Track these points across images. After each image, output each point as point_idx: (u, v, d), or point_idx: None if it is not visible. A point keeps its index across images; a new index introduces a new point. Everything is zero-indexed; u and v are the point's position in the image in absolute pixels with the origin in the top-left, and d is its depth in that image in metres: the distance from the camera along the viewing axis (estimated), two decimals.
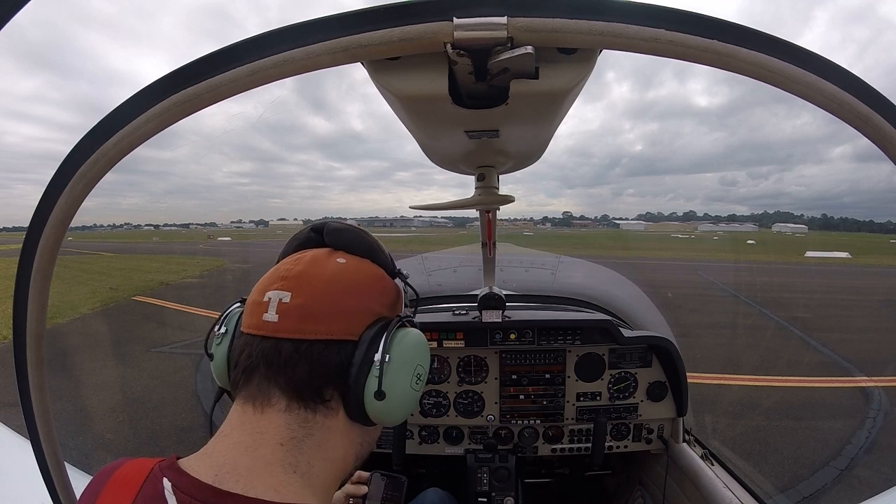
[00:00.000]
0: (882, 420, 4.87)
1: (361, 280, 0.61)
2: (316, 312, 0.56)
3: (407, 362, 0.60)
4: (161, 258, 27.85)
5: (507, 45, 0.46)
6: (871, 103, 0.45)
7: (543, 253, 3.15)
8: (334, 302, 0.57)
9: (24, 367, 0.74)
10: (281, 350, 0.54)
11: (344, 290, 0.59)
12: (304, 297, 0.56)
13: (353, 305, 0.59)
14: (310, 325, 0.55)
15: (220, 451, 0.53)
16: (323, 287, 0.57)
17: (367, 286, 0.61)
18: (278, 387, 0.54)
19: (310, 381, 0.55)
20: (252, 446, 0.52)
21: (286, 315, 0.55)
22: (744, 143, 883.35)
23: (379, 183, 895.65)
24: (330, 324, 0.56)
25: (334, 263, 0.61)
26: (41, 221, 0.63)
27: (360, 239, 0.65)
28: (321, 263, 0.60)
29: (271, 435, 0.53)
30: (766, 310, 11.25)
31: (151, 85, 0.53)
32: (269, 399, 0.54)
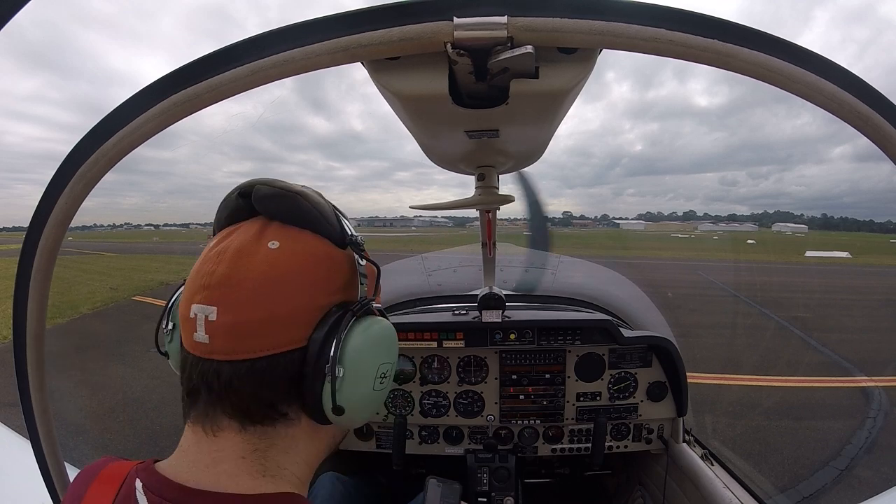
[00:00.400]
0: (882, 420, 4.87)
1: (299, 270, 0.50)
2: (249, 329, 0.47)
3: (365, 367, 0.52)
4: (161, 258, 27.87)
5: (507, 45, 0.46)
6: (871, 103, 0.45)
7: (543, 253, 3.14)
8: (269, 310, 0.48)
9: (24, 367, 0.74)
10: (220, 373, 0.48)
11: (279, 291, 0.49)
12: (233, 313, 0.47)
13: (292, 308, 0.49)
14: (245, 343, 0.48)
15: (183, 466, 0.50)
16: (252, 294, 0.48)
17: (307, 277, 0.51)
18: (225, 413, 0.49)
19: (259, 402, 0.49)
20: (212, 464, 0.49)
21: (216, 336, 0.48)
22: (744, 143, 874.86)
23: (379, 183, 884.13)
24: (268, 337, 0.48)
25: (264, 254, 0.50)
26: (41, 221, 0.63)
27: (294, 205, 0.53)
28: (248, 257, 0.49)
29: (230, 452, 0.49)
30: (766, 309, 11.25)
31: (151, 85, 0.53)
32: (218, 424, 0.49)
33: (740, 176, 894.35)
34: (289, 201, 0.53)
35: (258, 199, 0.53)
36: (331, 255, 0.53)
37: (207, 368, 0.49)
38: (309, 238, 0.53)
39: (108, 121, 0.55)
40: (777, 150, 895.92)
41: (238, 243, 0.51)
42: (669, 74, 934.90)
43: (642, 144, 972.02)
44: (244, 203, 0.55)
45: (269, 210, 0.54)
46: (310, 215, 0.53)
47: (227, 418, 0.49)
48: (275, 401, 0.50)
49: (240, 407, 0.49)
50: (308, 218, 0.53)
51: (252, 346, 0.48)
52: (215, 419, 0.49)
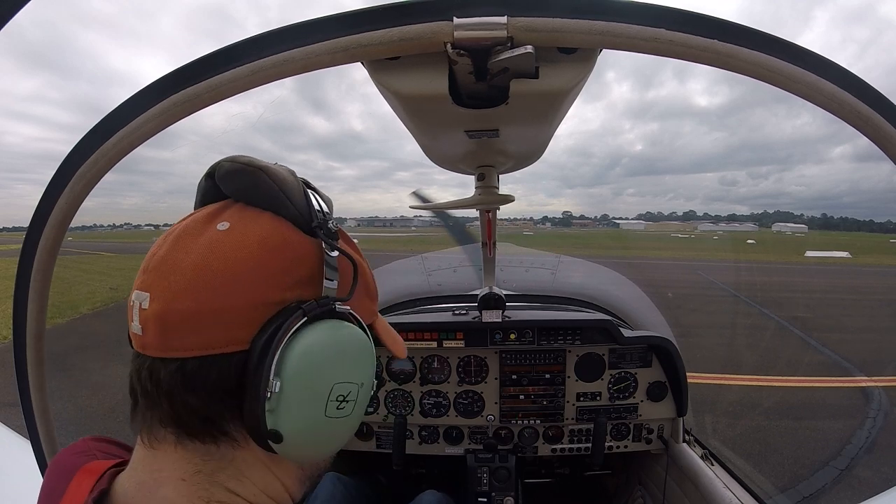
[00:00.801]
0: (882, 420, 4.87)
1: (244, 258, 0.42)
2: (177, 321, 0.40)
3: (312, 384, 0.42)
4: None
5: (507, 45, 0.46)
6: (871, 103, 0.45)
7: (543, 253, 3.14)
8: (202, 301, 0.40)
9: (24, 367, 0.74)
10: (153, 372, 0.41)
11: (217, 279, 0.41)
12: (163, 300, 0.41)
13: (231, 301, 0.41)
14: (174, 339, 0.40)
15: (130, 489, 0.44)
16: (185, 281, 0.41)
17: (255, 265, 0.42)
18: (159, 420, 0.42)
19: (194, 413, 0.41)
20: (154, 487, 0.42)
21: (147, 327, 0.41)
22: (744, 143, 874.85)
23: (379, 183, 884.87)
24: (199, 334, 0.40)
25: (209, 236, 0.43)
26: (41, 221, 0.63)
27: (255, 183, 0.45)
28: (191, 238, 0.43)
29: (170, 472, 0.42)
30: (766, 309, 11.25)
31: (151, 85, 0.53)
32: (154, 433, 0.43)
33: (740, 176, 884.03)
34: (248, 177, 0.45)
35: (220, 177, 0.46)
36: (290, 242, 0.44)
37: (141, 365, 0.42)
38: (267, 220, 0.45)
39: (108, 121, 0.55)
40: (777, 150, 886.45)
41: (185, 224, 0.45)
42: (669, 74, 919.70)
43: (642, 144, 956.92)
44: (211, 184, 0.48)
45: (230, 189, 0.47)
46: (271, 193, 0.45)
47: (163, 428, 0.42)
48: (210, 414, 0.42)
49: (172, 416, 0.41)
50: (269, 197, 0.45)
51: (181, 343, 0.40)
52: (152, 428, 0.43)
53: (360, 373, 0.46)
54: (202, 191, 0.49)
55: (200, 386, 0.41)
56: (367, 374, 0.48)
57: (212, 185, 0.48)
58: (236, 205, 0.46)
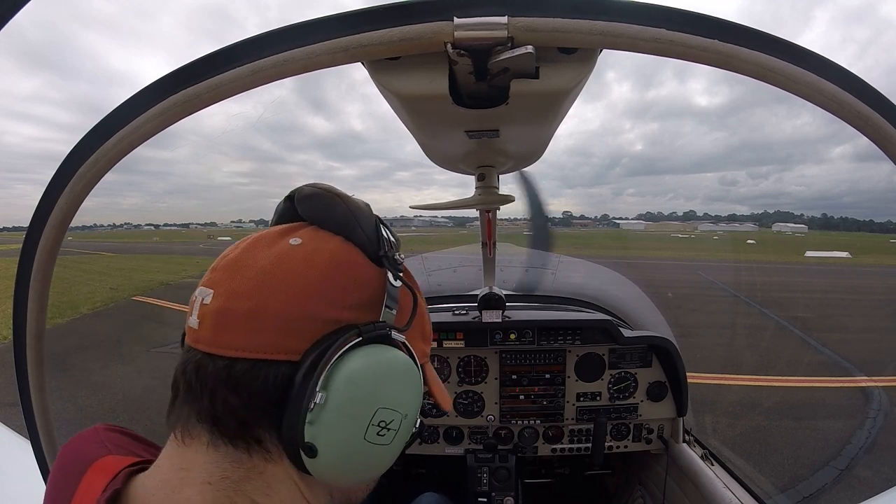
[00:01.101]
0: (882, 420, 4.87)
1: (311, 271, 0.43)
2: (234, 319, 0.42)
3: (357, 404, 0.42)
4: (161, 258, 27.86)
5: (507, 45, 0.46)
6: (871, 103, 0.45)
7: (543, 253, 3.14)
8: (262, 304, 0.42)
9: (24, 367, 0.74)
10: (200, 367, 0.42)
11: (281, 286, 0.42)
12: (225, 297, 0.42)
13: (290, 310, 0.42)
14: (227, 336, 0.42)
15: (150, 488, 0.43)
16: (251, 282, 0.42)
17: (319, 280, 0.43)
18: (197, 416, 0.42)
19: (233, 414, 0.41)
20: (177, 486, 0.41)
21: (204, 321, 0.43)
22: (744, 143, 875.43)
23: (379, 183, 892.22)
24: (253, 335, 0.41)
25: (281, 247, 0.45)
26: (41, 221, 0.63)
27: (330, 207, 0.48)
28: (264, 247, 0.45)
29: (197, 472, 0.42)
30: (766, 310, 11.25)
31: (151, 85, 0.53)
32: (189, 429, 0.43)
33: (740, 176, 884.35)
34: (324, 201, 0.48)
35: (299, 199, 0.50)
36: (355, 265, 0.46)
37: (190, 358, 0.43)
38: (337, 242, 0.46)
39: (108, 121, 0.55)
40: (777, 149, 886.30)
41: (261, 233, 0.48)
42: (669, 74, 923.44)
43: (642, 144, 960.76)
44: (289, 206, 0.52)
45: (306, 211, 0.49)
46: (344, 219, 0.47)
47: (199, 424, 0.42)
48: (248, 419, 0.41)
49: (211, 413, 0.41)
50: (342, 222, 0.47)
51: (234, 342, 0.41)
52: (187, 422, 0.43)
53: (406, 403, 0.46)
54: (279, 212, 0.53)
55: (244, 388, 0.41)
56: (413, 407, 0.47)
57: (290, 207, 0.51)
58: (311, 226, 0.49)
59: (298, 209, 0.50)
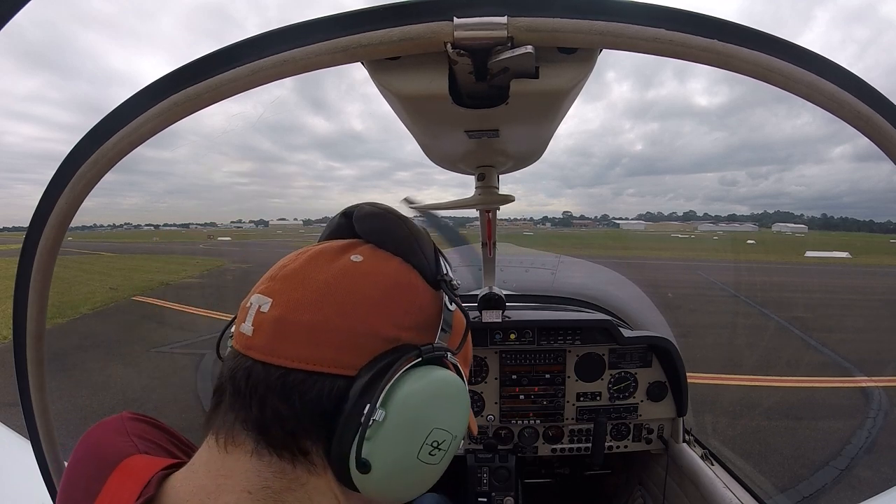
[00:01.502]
0: (882, 420, 4.87)
1: (373, 289, 0.44)
2: (294, 330, 0.42)
3: (415, 423, 0.42)
4: (161, 258, 27.86)
5: (507, 45, 0.46)
6: (871, 103, 0.45)
7: (543, 253, 3.14)
8: (323, 318, 0.42)
9: (24, 367, 0.74)
10: (251, 374, 0.42)
11: (343, 301, 0.43)
12: (285, 307, 0.43)
13: (351, 325, 0.42)
14: (285, 346, 0.42)
15: (183, 494, 0.42)
16: (314, 295, 0.43)
17: (381, 298, 0.44)
18: (243, 423, 0.42)
19: (281, 424, 0.41)
20: (214, 493, 0.40)
21: (260, 328, 0.43)
22: (744, 143, 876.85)
23: (379, 183, 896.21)
24: (312, 347, 0.41)
25: (343, 262, 0.46)
26: (41, 221, 0.63)
27: (391, 228, 0.49)
28: (325, 261, 0.46)
29: (237, 480, 0.41)
30: (766, 310, 11.25)
31: (151, 85, 0.53)
32: (233, 436, 0.42)
33: (740, 176, 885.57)
34: (386, 222, 0.49)
35: (358, 217, 0.51)
36: (415, 287, 0.47)
37: (240, 364, 0.43)
38: (397, 264, 0.47)
39: (107, 121, 0.55)
40: (777, 149, 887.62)
41: (321, 247, 0.49)
42: (669, 74, 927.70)
43: (642, 144, 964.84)
44: (346, 222, 0.53)
45: (364, 229, 0.50)
46: (405, 241, 0.48)
47: (244, 431, 0.42)
48: (297, 430, 0.41)
49: (259, 421, 0.41)
50: (402, 244, 0.48)
51: (291, 353, 0.41)
52: (232, 429, 0.42)
53: (457, 424, 0.46)
54: (334, 227, 0.54)
55: (297, 399, 0.41)
56: (462, 428, 0.48)
57: (345, 223, 0.52)
58: (369, 244, 0.49)
59: (357, 227, 0.51)
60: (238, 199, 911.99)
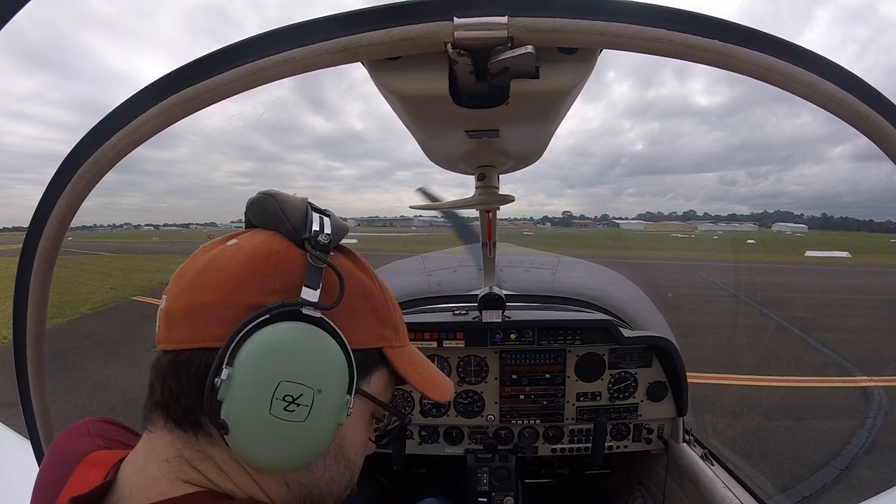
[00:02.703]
0: (882, 420, 4.87)
1: (235, 263, 0.47)
2: (175, 316, 0.47)
3: (258, 378, 0.42)
4: (161, 258, 27.84)
5: (507, 45, 0.46)
6: (871, 103, 0.45)
7: (543, 253, 3.15)
8: (195, 300, 0.46)
9: (24, 367, 0.74)
10: (157, 362, 0.48)
11: (210, 281, 0.47)
12: (171, 299, 0.48)
13: (217, 300, 0.46)
14: (172, 332, 0.47)
15: (127, 472, 0.47)
16: (188, 282, 0.48)
17: (242, 270, 0.46)
18: (154, 406, 0.47)
19: (176, 399, 0.45)
20: (143, 466, 0.46)
21: (160, 324, 0.49)
22: (744, 143, 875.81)
23: (379, 183, 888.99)
24: (189, 328, 0.46)
25: (217, 249, 0.50)
26: (41, 221, 0.63)
27: (263, 206, 0.51)
28: (204, 251, 0.51)
29: (157, 452, 0.46)
30: (766, 309, 11.25)
31: (151, 85, 0.53)
32: (151, 418, 0.48)
33: (740, 176, 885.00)
34: (260, 202, 0.52)
35: (247, 207, 0.54)
36: (276, 252, 0.48)
37: (156, 358, 0.49)
38: (265, 236, 0.50)
39: (107, 121, 0.55)
40: (777, 149, 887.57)
41: (209, 242, 0.53)
42: (669, 74, 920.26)
43: (642, 144, 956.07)
44: (246, 218, 0.56)
45: (251, 217, 0.54)
46: (273, 213, 0.50)
47: (155, 411, 0.47)
48: (190, 404, 0.45)
49: (161, 401, 0.46)
50: (271, 216, 0.50)
51: (176, 336, 0.47)
52: (150, 413, 0.48)
53: (318, 379, 0.44)
54: (245, 221, 0.56)
55: (184, 374, 0.45)
56: (328, 383, 0.45)
57: (246, 218, 0.55)
58: (253, 229, 0.54)
59: (249, 218, 0.54)
60: (238, 198, 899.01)
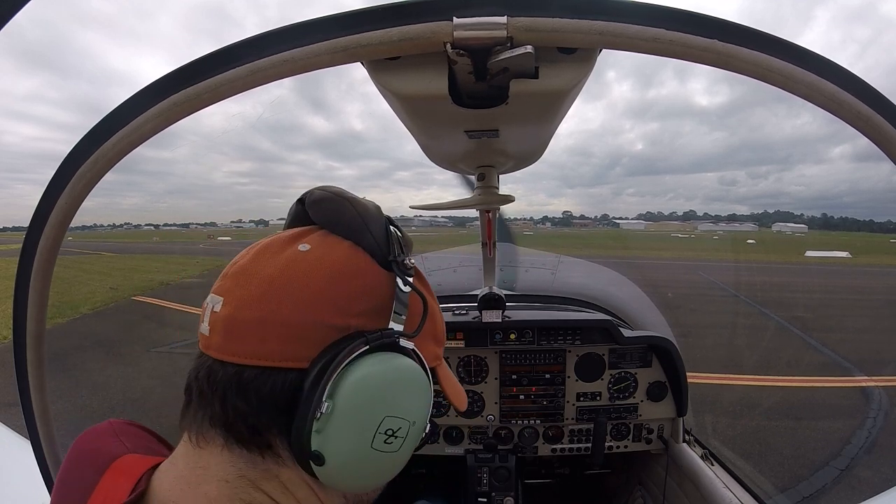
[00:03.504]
0: (882, 420, 4.87)
1: (317, 278, 0.43)
2: (243, 328, 0.42)
3: (363, 412, 0.42)
4: (161, 258, 27.85)
5: (506, 45, 0.46)
6: (871, 103, 0.45)
7: (543, 253, 3.15)
8: (269, 313, 0.42)
9: (24, 367, 0.74)
10: (211, 373, 0.43)
11: (287, 294, 0.42)
12: (234, 305, 0.43)
13: (297, 318, 0.42)
14: (236, 343, 0.42)
15: (166, 484, 0.44)
16: (259, 290, 0.43)
17: (325, 287, 0.43)
18: (210, 420, 0.43)
19: (243, 420, 0.42)
20: (195, 483, 0.42)
21: (215, 328, 0.43)
22: (744, 143, 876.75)
23: (379, 183, 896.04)
24: (261, 343, 0.42)
25: (289, 254, 0.45)
26: (41, 221, 0.63)
27: (340, 210, 0.48)
28: (272, 254, 0.46)
29: (214, 471, 0.42)
30: (766, 310, 11.24)
31: (151, 85, 0.53)
32: (203, 433, 0.44)
33: (740, 176, 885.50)
34: (333, 205, 0.48)
35: (309, 203, 0.50)
36: (363, 271, 0.45)
37: (202, 364, 0.44)
38: (346, 248, 0.46)
39: (107, 121, 0.55)
40: (777, 149, 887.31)
41: (270, 239, 0.48)
42: (670, 74, 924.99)
43: (642, 144, 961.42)
44: (301, 209, 0.52)
45: (317, 215, 0.49)
46: (353, 223, 0.47)
47: (213, 428, 0.43)
48: (258, 425, 0.42)
49: (223, 418, 0.42)
50: (351, 226, 0.47)
51: (242, 350, 0.42)
52: (202, 427, 0.44)
53: (414, 410, 0.45)
54: (292, 215, 0.53)
55: (253, 395, 0.41)
56: (421, 414, 0.46)
57: (301, 210, 0.51)
58: (321, 231, 0.48)
59: (309, 212, 0.50)
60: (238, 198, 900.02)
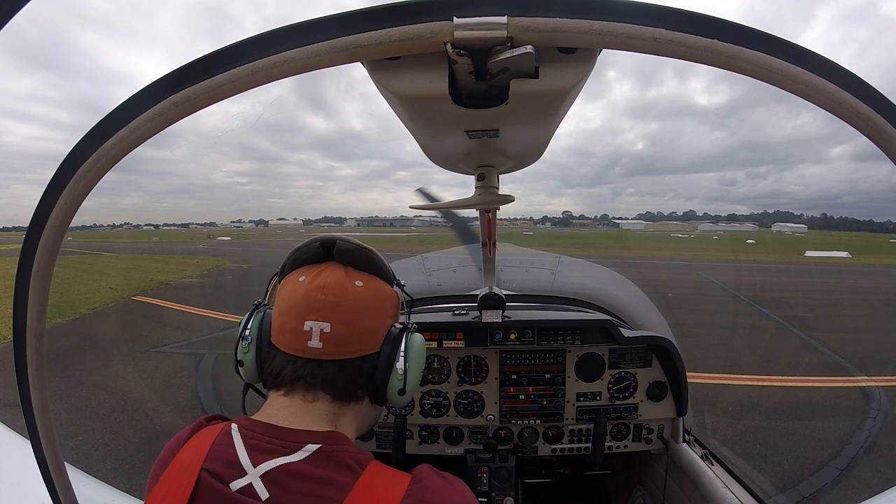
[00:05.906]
0: (882, 420, 4.87)
1: (378, 302, 0.76)
2: (352, 338, 0.73)
3: (418, 363, 0.80)
4: (161, 258, 27.83)
5: (507, 45, 0.46)
6: (871, 103, 0.45)
7: (543, 253, 3.15)
8: (364, 327, 0.74)
9: (24, 367, 0.73)
10: (324, 367, 0.71)
11: (368, 314, 0.75)
12: (342, 327, 0.71)
13: (375, 326, 0.76)
14: (348, 347, 0.72)
15: (277, 411, 0.71)
16: (354, 315, 0.73)
17: (382, 306, 0.77)
18: (323, 390, 0.72)
19: (346, 387, 0.73)
20: (307, 411, 0.71)
21: (329, 342, 0.71)
22: (743, 143, 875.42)
23: (379, 182, 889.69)
24: (361, 343, 0.74)
25: (354, 289, 0.74)
26: (41, 221, 0.63)
27: (368, 259, 0.78)
28: (346, 292, 0.73)
29: (319, 411, 0.72)
30: (765, 309, 11.25)
31: (151, 85, 0.53)
32: (316, 396, 0.72)
33: (740, 176, 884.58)
34: (363, 254, 0.77)
35: (340, 251, 0.75)
36: (390, 294, 0.80)
37: (314, 365, 0.71)
38: (378, 280, 0.78)
39: (107, 121, 0.55)
40: (776, 149, 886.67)
41: (336, 281, 0.73)
42: (670, 74, 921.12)
43: (642, 144, 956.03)
44: (324, 251, 0.76)
45: (346, 259, 0.75)
46: (378, 265, 0.79)
47: (324, 393, 0.72)
48: (355, 388, 0.74)
49: (335, 389, 0.72)
50: (376, 267, 0.78)
51: (351, 350, 0.73)
52: (315, 393, 0.72)
53: (422, 356, 0.83)
54: (312, 253, 0.77)
55: (356, 373, 0.74)
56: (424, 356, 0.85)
57: (324, 253, 0.76)
58: (350, 268, 0.76)
59: (337, 257, 0.75)
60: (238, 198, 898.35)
